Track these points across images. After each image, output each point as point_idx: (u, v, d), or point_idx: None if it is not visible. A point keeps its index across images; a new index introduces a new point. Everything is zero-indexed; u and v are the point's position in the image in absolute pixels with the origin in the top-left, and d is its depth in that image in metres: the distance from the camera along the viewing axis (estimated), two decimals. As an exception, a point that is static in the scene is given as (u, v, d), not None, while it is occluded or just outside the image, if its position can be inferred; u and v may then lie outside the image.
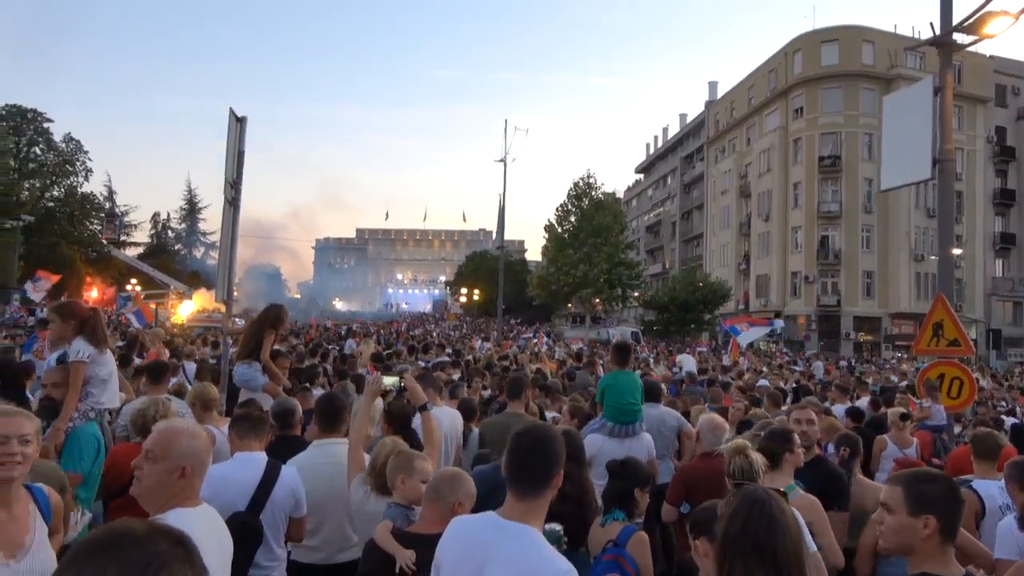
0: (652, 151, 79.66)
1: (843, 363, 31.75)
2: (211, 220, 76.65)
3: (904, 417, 6.80)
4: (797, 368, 23.39)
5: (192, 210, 77.13)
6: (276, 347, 6.89)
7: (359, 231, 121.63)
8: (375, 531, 2.97)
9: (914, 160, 7.75)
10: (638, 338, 42.35)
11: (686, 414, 7.04)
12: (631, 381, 5.82)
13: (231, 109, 6.84)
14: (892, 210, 44.75)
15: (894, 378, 18.67)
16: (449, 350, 16.62)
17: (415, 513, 3.10)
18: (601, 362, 15.22)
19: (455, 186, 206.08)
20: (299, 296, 78.99)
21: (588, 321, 46.51)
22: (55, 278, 30.15)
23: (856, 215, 45.70)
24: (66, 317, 4.28)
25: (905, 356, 34.78)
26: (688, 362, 17.37)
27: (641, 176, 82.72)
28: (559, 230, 48.98)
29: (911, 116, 7.92)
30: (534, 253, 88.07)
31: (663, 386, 8.58)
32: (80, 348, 4.13)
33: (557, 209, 49.70)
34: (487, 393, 8.80)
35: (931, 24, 7.97)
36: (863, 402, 9.29)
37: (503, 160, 30.21)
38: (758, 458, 3.63)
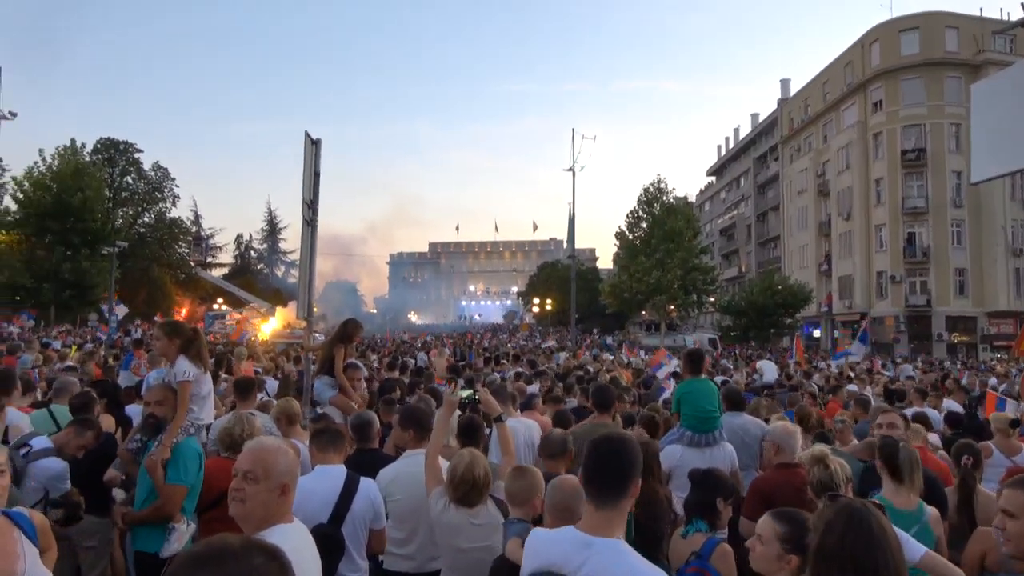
0: (724, 153, 78.02)
1: (935, 365, 30.11)
2: (291, 239, 79.56)
3: (1015, 424, 6.34)
4: (887, 373, 22.31)
5: (272, 230, 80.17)
6: (351, 360, 7.05)
7: (432, 245, 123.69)
8: (506, 548, 2.98)
9: (1010, 149, 7.30)
10: (716, 344, 41.38)
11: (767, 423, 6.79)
12: (708, 388, 5.66)
13: (306, 132, 7.01)
14: (985, 203, 42.38)
15: (993, 380, 17.57)
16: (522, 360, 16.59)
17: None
18: (678, 370, 14.93)
19: (525, 197, 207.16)
20: (375, 311, 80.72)
21: (663, 328, 45.75)
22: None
23: (944, 210, 43.43)
24: (172, 336, 4.45)
25: (1005, 357, 32.71)
26: (769, 368, 16.78)
27: (713, 179, 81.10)
28: (630, 237, 48.55)
29: (1005, 102, 7.47)
30: (606, 261, 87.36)
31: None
32: (184, 368, 4.26)
33: (628, 216, 49.32)
34: (571, 404, 8.70)
35: (1022, 5, 7.50)
36: (950, 405, 8.75)
37: (571, 169, 30.20)
38: (839, 468, 3.47)
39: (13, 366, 8.88)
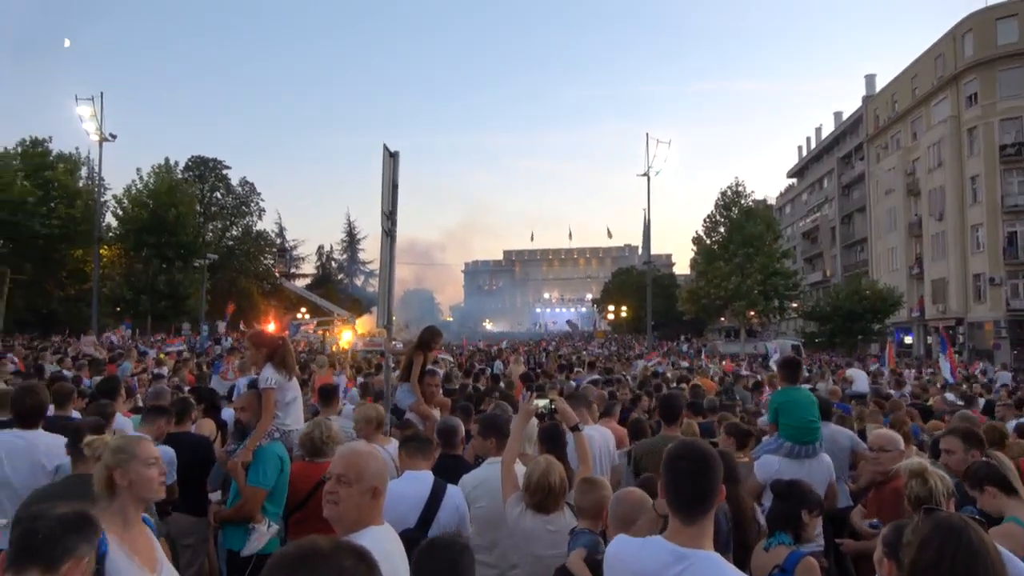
0: (805, 153, 75.40)
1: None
2: (369, 250, 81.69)
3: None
4: (988, 380, 21.03)
5: (352, 241, 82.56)
6: (430, 367, 7.18)
7: (506, 253, 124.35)
8: (569, 559, 2.99)
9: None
10: (800, 351, 39.99)
11: (861, 433, 6.52)
12: (807, 398, 5.46)
13: (384, 145, 7.19)
14: (1096, 199, 39.44)
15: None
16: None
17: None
18: (759, 378, 14.51)
19: (599, 203, 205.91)
20: (451, 319, 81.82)
21: (743, 335, 44.59)
22: (231, 308, 33.48)
23: (1050, 207, 40.65)
24: (259, 346, 4.66)
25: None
26: (859, 377, 16.05)
27: (794, 180, 78.48)
28: (708, 242, 47.70)
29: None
30: (682, 267, 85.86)
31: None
32: (268, 375, 4.45)
33: (705, 220, 48.48)
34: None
35: None
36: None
37: (646, 174, 29.88)
38: (939, 481, 3.29)
39: (115, 374, 9.43)
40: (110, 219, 45.70)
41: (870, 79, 59.87)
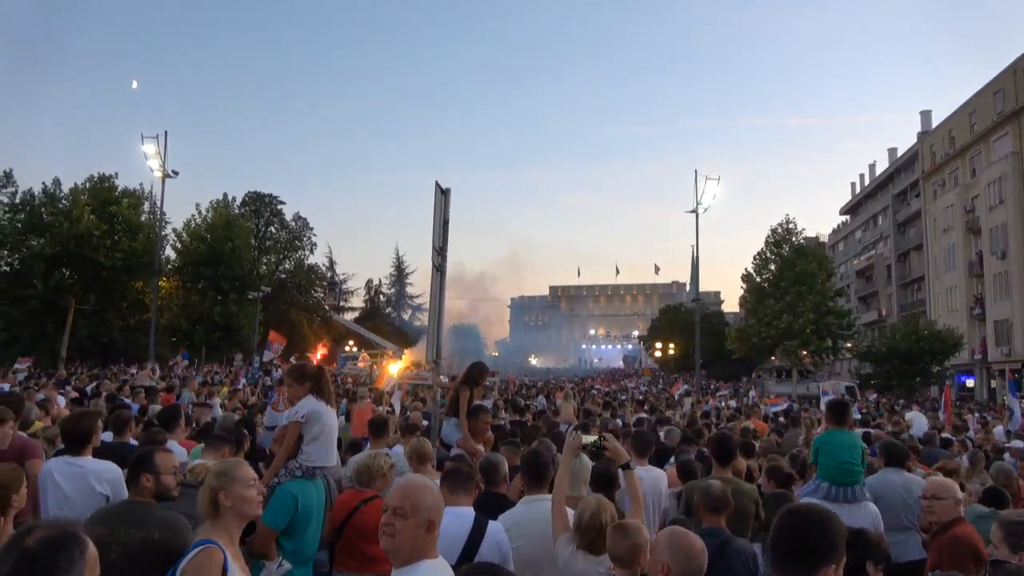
0: (859, 190, 73.96)
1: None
2: (417, 284, 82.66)
3: None
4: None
5: (400, 275, 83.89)
6: (479, 402, 7.16)
7: (552, 288, 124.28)
8: None
9: None
10: (854, 393, 38.73)
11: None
12: (849, 440, 5.30)
13: (437, 183, 7.32)
14: None
15: None
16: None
17: None
18: (810, 418, 14.10)
19: (646, 239, 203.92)
20: (497, 353, 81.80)
21: (795, 375, 43.48)
22: (283, 340, 34.10)
23: (1121, 246, 38.90)
24: (300, 379, 4.65)
25: None
26: (918, 421, 15.43)
27: (847, 217, 76.92)
28: (758, 279, 47.03)
29: None
30: (731, 304, 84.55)
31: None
32: (299, 408, 4.42)
33: (755, 258, 47.89)
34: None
35: None
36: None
37: (694, 211, 29.64)
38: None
39: (174, 403, 9.67)
40: (169, 252, 47.29)
41: (925, 115, 58.75)
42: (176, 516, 3.38)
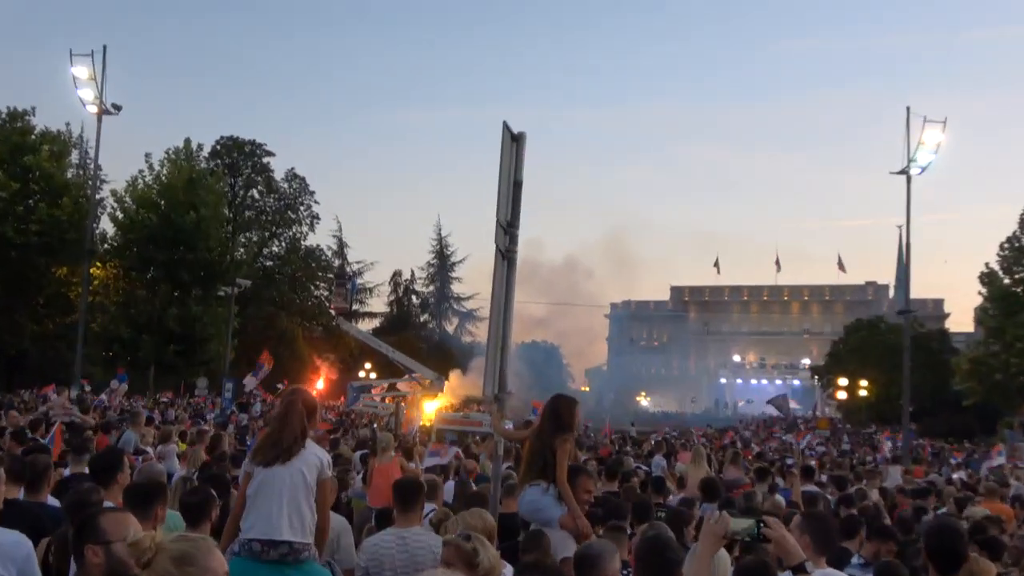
0: None
1: None
2: (467, 279, 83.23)
3: None
4: None
5: (443, 265, 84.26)
6: (577, 464, 7.05)
7: (675, 290, 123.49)
8: None
9: None
10: None
11: None
12: None
13: (504, 123, 7.20)
14: None
15: None
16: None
17: None
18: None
19: (822, 216, 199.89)
20: (587, 388, 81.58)
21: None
22: (271, 362, 34.70)
23: None
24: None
25: None
26: None
27: None
28: (1007, 281, 45.87)
29: None
30: (961, 321, 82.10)
31: None
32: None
33: (1001, 247, 46.54)
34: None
35: None
36: None
37: (905, 171, 28.83)
38: None
39: (114, 447, 10.00)
40: (106, 225, 48.47)
41: None
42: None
